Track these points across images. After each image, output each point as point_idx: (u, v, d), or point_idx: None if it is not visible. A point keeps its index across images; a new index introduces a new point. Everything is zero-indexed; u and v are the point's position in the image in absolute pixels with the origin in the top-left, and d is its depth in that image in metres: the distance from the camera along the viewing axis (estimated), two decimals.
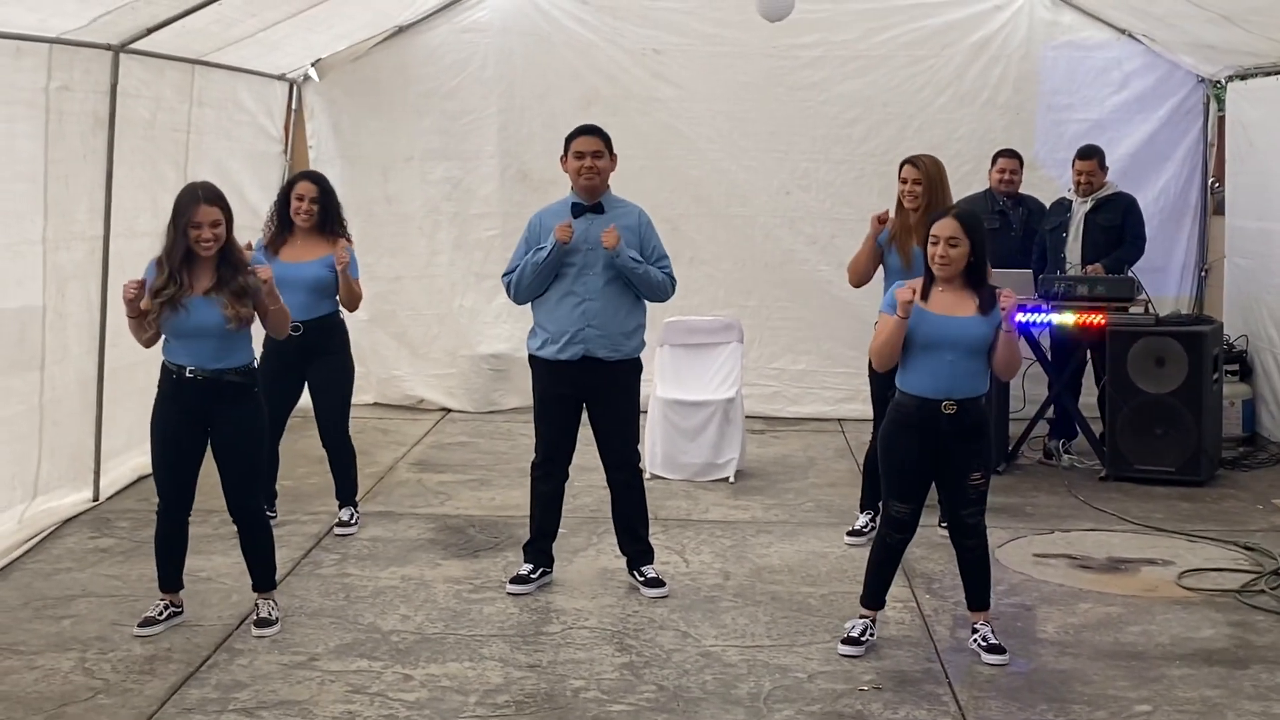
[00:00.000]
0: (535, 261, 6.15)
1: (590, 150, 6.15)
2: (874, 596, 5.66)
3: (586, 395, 6.28)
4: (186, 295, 5.39)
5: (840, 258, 9.99)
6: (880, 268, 7.07)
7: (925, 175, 6.81)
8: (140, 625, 5.65)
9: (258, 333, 5.79)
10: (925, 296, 5.42)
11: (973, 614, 5.63)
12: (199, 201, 5.40)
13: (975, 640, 5.54)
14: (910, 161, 6.89)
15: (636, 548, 6.40)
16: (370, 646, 5.55)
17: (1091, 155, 8.74)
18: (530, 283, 6.19)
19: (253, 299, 5.50)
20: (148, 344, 5.58)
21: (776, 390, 10.26)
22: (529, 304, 6.33)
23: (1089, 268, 8.51)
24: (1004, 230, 8.87)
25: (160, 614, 5.71)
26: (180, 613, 5.77)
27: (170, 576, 5.75)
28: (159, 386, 5.58)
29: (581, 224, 6.17)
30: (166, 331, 5.47)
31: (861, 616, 5.65)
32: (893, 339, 5.38)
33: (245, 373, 5.58)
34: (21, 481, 6.75)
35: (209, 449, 5.61)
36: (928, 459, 5.45)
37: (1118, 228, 8.72)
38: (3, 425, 6.52)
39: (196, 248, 5.39)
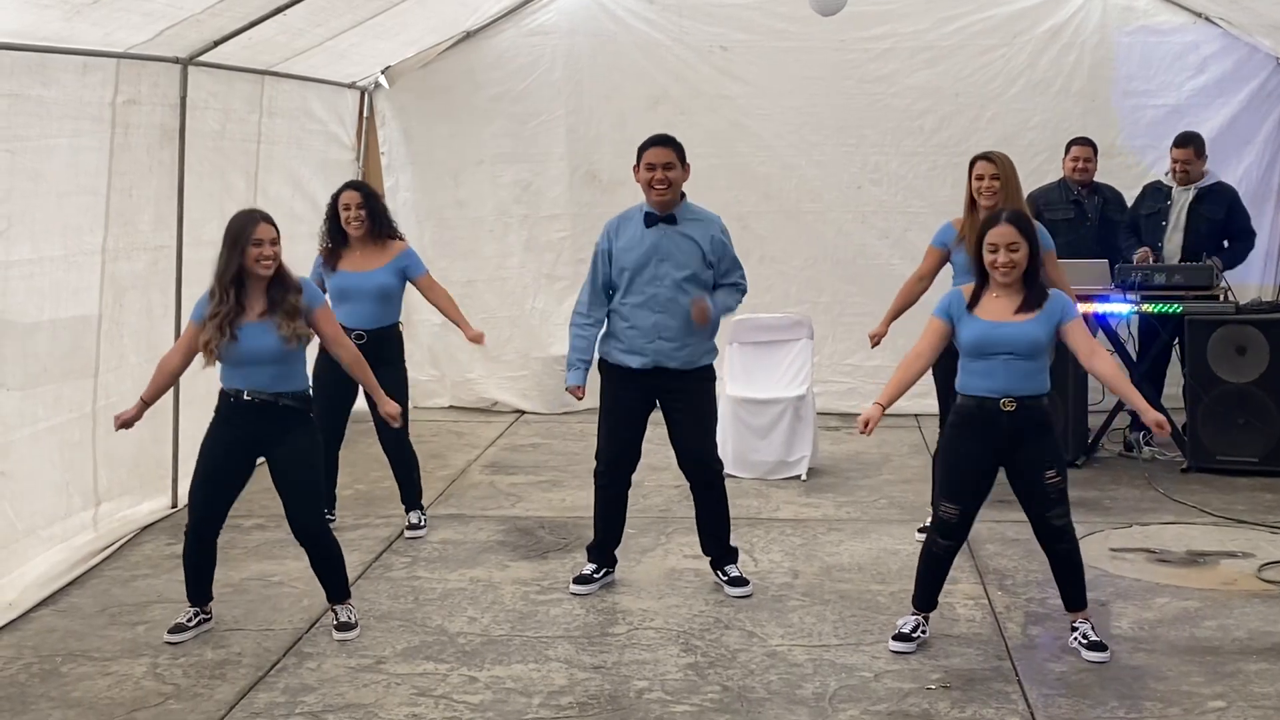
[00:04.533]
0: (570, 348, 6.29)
1: (661, 162, 6.06)
2: (925, 599, 5.61)
3: (660, 399, 6.26)
4: (241, 320, 5.45)
5: (913, 252, 9.89)
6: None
7: (1003, 171, 6.70)
8: (170, 631, 5.71)
9: (310, 352, 5.85)
10: (975, 303, 5.35)
11: (1071, 613, 5.54)
12: (258, 220, 5.47)
13: (1076, 638, 5.45)
14: (985, 157, 6.77)
15: (720, 551, 6.37)
16: (437, 649, 5.58)
17: (1188, 144, 8.58)
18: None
19: (305, 318, 5.55)
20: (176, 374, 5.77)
21: (851, 387, 10.17)
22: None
23: (1210, 259, 8.34)
24: (1079, 220, 8.74)
25: (190, 620, 5.76)
26: (209, 619, 5.83)
27: (199, 590, 5.81)
28: (215, 410, 5.66)
29: (654, 234, 6.11)
30: (222, 360, 5.54)
31: (914, 614, 5.60)
32: (910, 377, 5.43)
33: (300, 398, 5.63)
34: (80, 489, 6.84)
35: (269, 475, 5.68)
36: (988, 461, 5.38)
37: (1221, 221, 8.56)
38: (54, 432, 6.60)
39: (256, 267, 5.43)
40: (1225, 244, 8.63)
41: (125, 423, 5.72)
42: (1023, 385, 5.27)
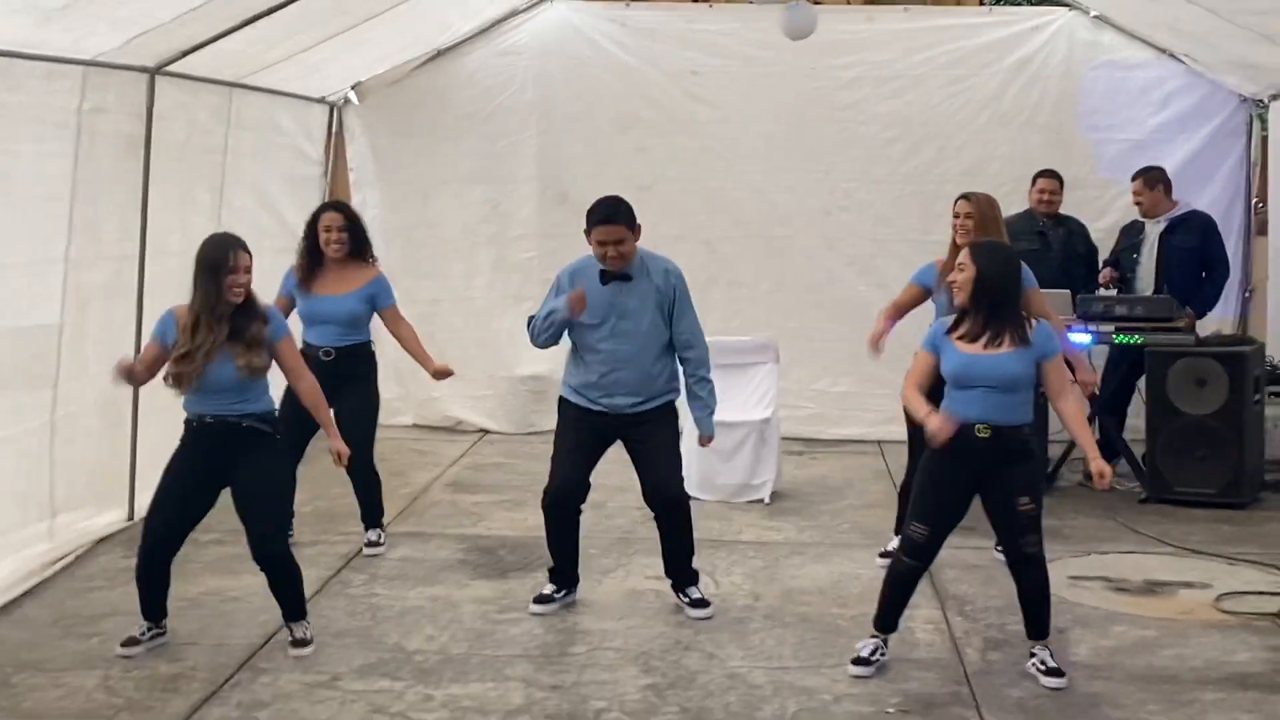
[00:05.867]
0: (547, 317, 6.10)
1: (612, 239, 5.97)
2: (886, 620, 5.61)
3: (620, 436, 6.22)
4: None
5: (880, 278, 9.99)
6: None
7: (978, 210, 6.75)
8: (123, 644, 5.63)
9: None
10: (955, 329, 5.39)
11: (1031, 641, 5.53)
12: (238, 248, 5.42)
13: (1034, 664, 5.45)
14: (965, 197, 6.84)
15: (681, 572, 6.35)
16: (394, 666, 5.54)
17: (1136, 177, 8.70)
18: (542, 336, 6.14)
19: (268, 349, 5.51)
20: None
21: (816, 412, 10.19)
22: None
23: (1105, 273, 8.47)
24: (1043, 251, 8.78)
25: (143, 634, 5.68)
26: (163, 633, 5.74)
27: (153, 606, 5.72)
28: (180, 440, 5.61)
29: (609, 292, 6.07)
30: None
31: (873, 636, 5.59)
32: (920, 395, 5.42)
33: (265, 419, 5.58)
34: (35, 500, 6.77)
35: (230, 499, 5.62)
36: (964, 486, 5.40)
37: (1195, 249, 8.64)
38: (11, 442, 6.53)
39: (229, 294, 5.39)
40: (1204, 274, 8.70)
41: (127, 368, 5.54)
42: (1001, 416, 5.30)
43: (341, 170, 10.42)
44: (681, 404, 6.33)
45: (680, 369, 6.26)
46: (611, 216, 5.99)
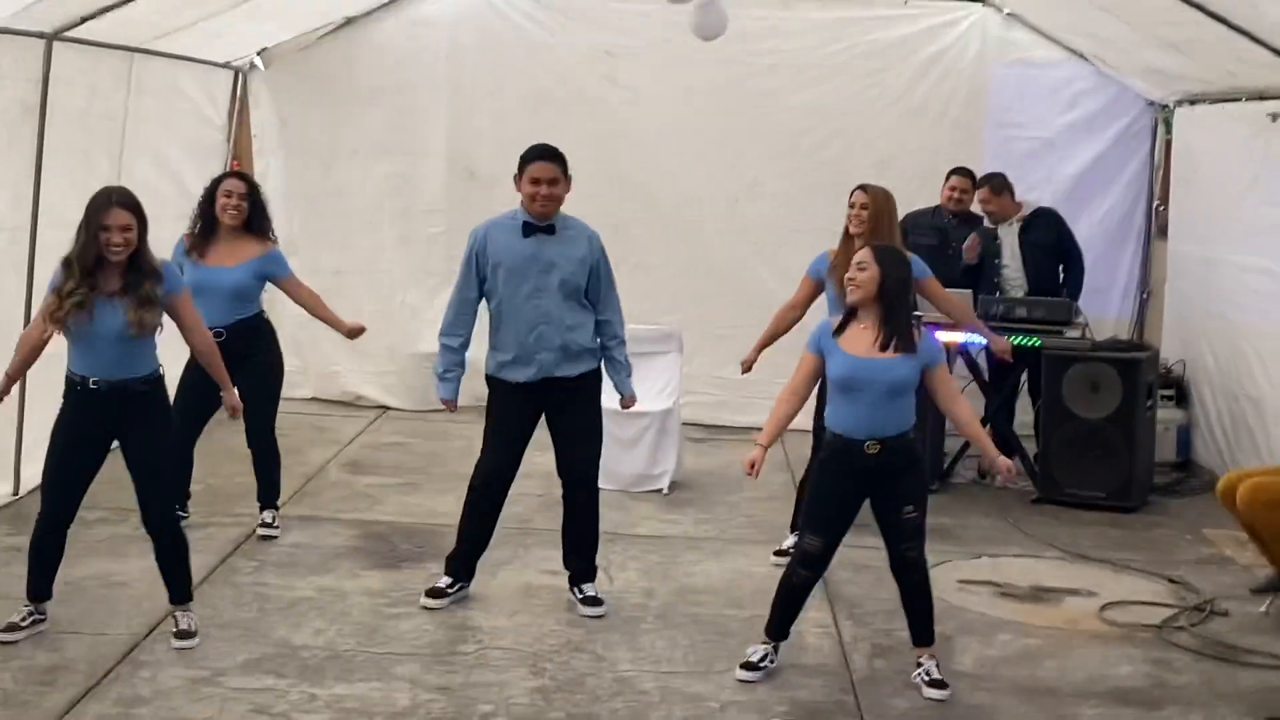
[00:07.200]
0: (438, 360, 6.25)
1: (547, 177, 5.98)
2: (778, 628, 5.63)
3: (548, 409, 6.21)
4: (95, 298, 5.29)
5: (786, 268, 9.91)
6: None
7: (873, 202, 6.76)
8: (2, 630, 5.52)
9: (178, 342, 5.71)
10: (841, 331, 5.40)
11: (917, 649, 5.59)
12: (111, 205, 5.30)
13: (919, 674, 5.49)
14: (861, 187, 6.85)
15: (581, 566, 6.34)
16: (279, 663, 5.47)
17: (980, 185, 8.85)
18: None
19: (164, 304, 5.41)
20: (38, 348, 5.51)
21: (720, 400, 10.19)
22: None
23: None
24: (941, 248, 8.83)
25: (24, 620, 5.58)
26: (44, 619, 5.64)
27: (42, 586, 5.63)
28: (64, 397, 5.49)
29: (532, 244, 6.05)
30: (70, 336, 5.37)
31: (764, 642, 5.62)
32: (789, 413, 5.51)
33: (152, 381, 5.49)
34: None
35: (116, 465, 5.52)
36: (851, 498, 5.44)
37: (1053, 244, 8.77)
38: None
39: (105, 252, 5.28)
40: (1061, 269, 8.83)
41: None
42: (887, 425, 5.32)
43: (245, 137, 10.22)
44: (606, 392, 6.35)
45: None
46: (547, 154, 6.03)
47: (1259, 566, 6.91)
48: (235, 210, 6.84)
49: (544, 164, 6.00)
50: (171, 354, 5.89)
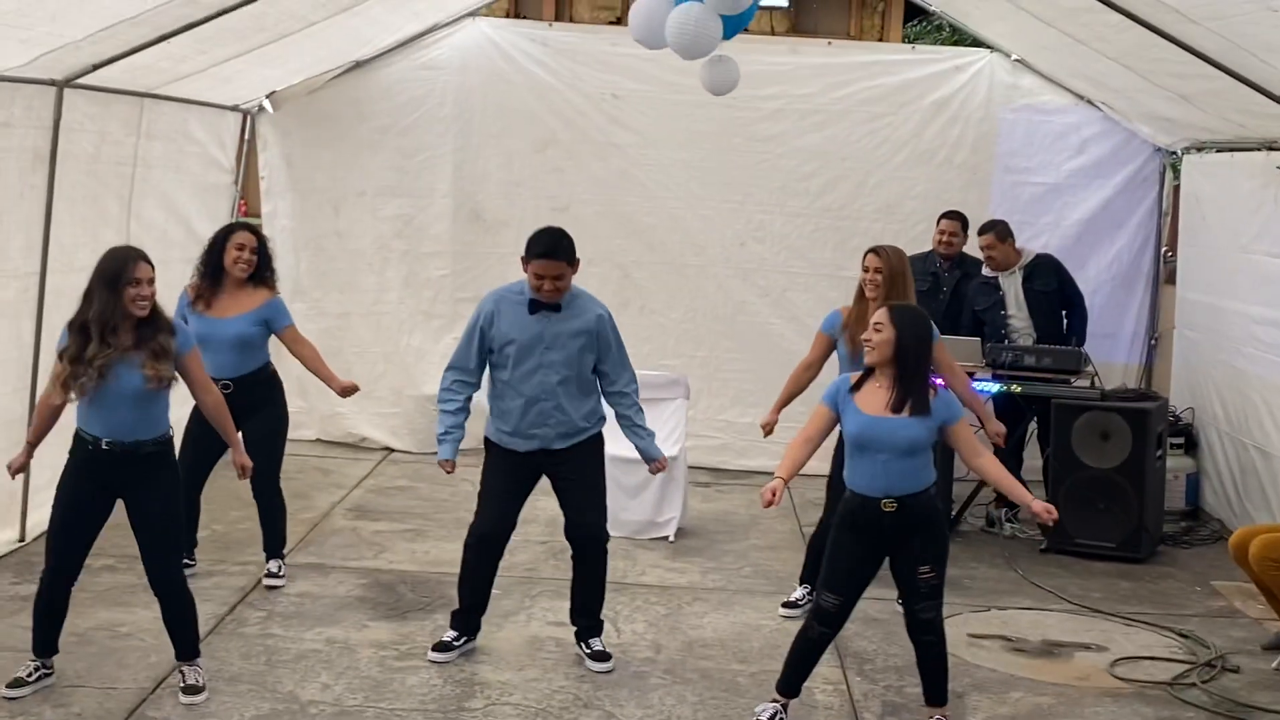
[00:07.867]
0: (438, 421, 6.20)
1: (551, 274, 5.92)
2: (790, 685, 5.61)
3: (548, 473, 6.19)
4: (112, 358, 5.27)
5: (792, 311, 10.03)
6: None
7: (887, 265, 6.74)
8: (8, 686, 5.48)
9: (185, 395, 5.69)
10: (858, 388, 5.39)
11: (929, 707, 5.56)
12: (137, 259, 5.30)
13: None
14: (874, 250, 6.82)
15: (588, 623, 6.31)
16: (287, 719, 5.43)
17: (984, 231, 8.81)
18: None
19: (174, 361, 5.39)
20: (57, 414, 5.48)
21: (724, 443, 10.18)
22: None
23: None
24: (933, 292, 8.87)
25: (30, 675, 5.55)
26: (50, 673, 5.61)
27: (47, 641, 5.60)
28: (71, 452, 5.47)
29: (538, 322, 6.03)
30: (85, 396, 5.34)
31: (774, 700, 5.58)
32: (803, 458, 5.48)
33: (162, 442, 5.47)
34: None
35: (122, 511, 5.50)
36: (869, 556, 5.43)
37: (1055, 291, 8.77)
38: None
39: (132, 307, 5.26)
40: (1064, 315, 8.83)
41: (19, 468, 5.58)
42: (904, 484, 5.31)
43: (253, 178, 10.23)
44: (611, 439, 6.31)
45: (610, 407, 6.27)
46: (553, 251, 5.94)
47: (1269, 620, 6.89)
48: (246, 265, 6.83)
49: (548, 263, 5.92)
50: (176, 398, 5.84)
